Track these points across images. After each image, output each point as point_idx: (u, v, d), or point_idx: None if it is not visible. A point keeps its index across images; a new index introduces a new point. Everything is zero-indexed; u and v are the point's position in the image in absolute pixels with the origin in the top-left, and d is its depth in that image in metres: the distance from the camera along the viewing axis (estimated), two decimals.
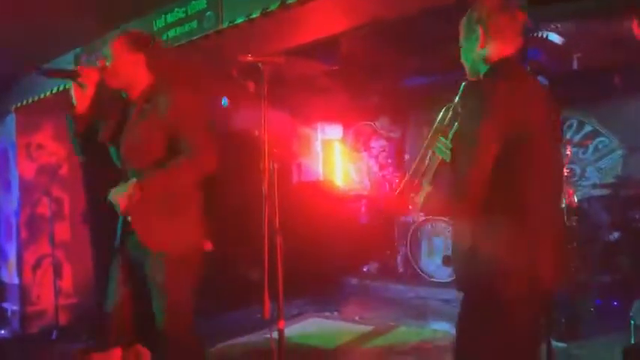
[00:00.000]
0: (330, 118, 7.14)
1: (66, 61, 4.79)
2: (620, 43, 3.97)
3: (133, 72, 2.24)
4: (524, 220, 1.62)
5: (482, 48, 1.71)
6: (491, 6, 1.71)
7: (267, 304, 2.46)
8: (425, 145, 1.94)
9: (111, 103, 2.33)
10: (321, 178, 7.19)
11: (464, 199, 1.62)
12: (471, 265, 1.67)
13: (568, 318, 3.63)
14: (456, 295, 4.82)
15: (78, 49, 4.69)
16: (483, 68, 1.74)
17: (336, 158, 7.23)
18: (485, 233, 1.64)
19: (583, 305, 4.00)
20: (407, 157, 6.61)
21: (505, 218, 1.62)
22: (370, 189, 7.03)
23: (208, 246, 4.72)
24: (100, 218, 4.92)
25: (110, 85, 2.25)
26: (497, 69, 1.70)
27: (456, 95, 1.89)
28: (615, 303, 4.13)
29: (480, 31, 1.70)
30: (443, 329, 4.16)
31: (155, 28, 3.81)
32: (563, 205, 3.73)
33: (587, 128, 5.33)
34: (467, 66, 1.83)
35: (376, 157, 7.05)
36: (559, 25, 3.60)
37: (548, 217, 1.69)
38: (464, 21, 1.79)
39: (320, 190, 6.69)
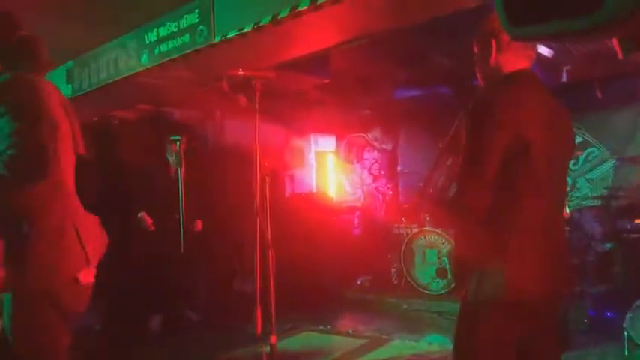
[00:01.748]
0: (323, 130, 7.16)
1: (58, 74, 4.79)
2: (607, 57, 4.02)
3: None
4: (527, 230, 1.63)
5: (494, 61, 1.74)
6: None
7: (260, 319, 2.45)
8: (437, 157, 1.97)
9: None
10: (315, 190, 7.19)
11: (464, 209, 1.65)
12: (473, 276, 1.67)
13: (561, 329, 3.62)
14: (450, 307, 4.81)
15: (70, 63, 4.70)
16: (494, 81, 1.76)
17: (330, 170, 7.24)
18: (487, 243, 1.65)
19: (576, 316, 4.00)
20: (399, 168, 6.63)
21: (508, 228, 1.63)
22: (363, 201, 7.03)
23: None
24: None
25: None
26: (508, 81, 1.72)
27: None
28: (609, 314, 4.13)
29: (492, 44, 1.73)
30: (437, 342, 4.14)
31: (147, 42, 3.83)
32: None
33: (577, 139, 5.38)
34: (480, 79, 1.86)
35: (369, 168, 7.06)
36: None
37: (551, 227, 1.70)
38: (478, 34, 1.83)
39: (313, 202, 6.68)
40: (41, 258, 1.77)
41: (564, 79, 4.60)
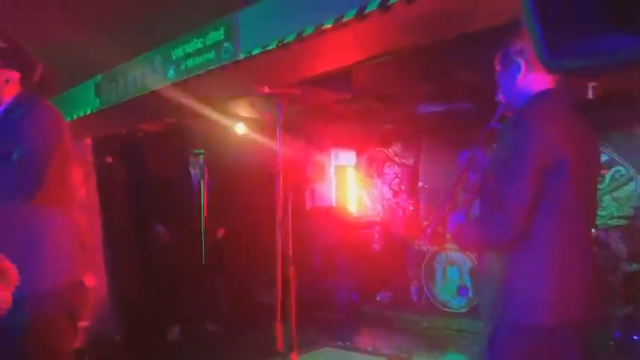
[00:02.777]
0: (343, 145, 7.17)
1: (86, 88, 4.91)
2: (633, 74, 3.96)
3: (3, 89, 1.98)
4: (561, 252, 1.62)
5: (523, 80, 1.74)
6: None
7: (280, 336, 2.44)
8: (456, 180, 1.97)
9: None
10: (334, 204, 7.18)
11: (509, 233, 1.63)
12: (504, 296, 1.65)
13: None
14: (470, 325, 4.73)
15: (98, 77, 4.81)
16: (522, 100, 1.75)
17: (350, 184, 7.23)
18: (522, 264, 1.63)
19: (602, 338, 3.90)
20: (420, 183, 6.59)
21: (542, 249, 1.62)
22: (383, 215, 7.00)
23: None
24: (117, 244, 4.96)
25: None
26: (537, 102, 1.71)
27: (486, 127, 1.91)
28: (635, 337, 4.02)
29: (521, 62, 1.72)
30: None
31: (174, 58, 3.91)
32: None
33: (604, 157, 5.29)
34: (505, 98, 1.84)
35: (389, 183, 7.03)
36: None
37: (584, 247, 1.69)
38: (501, 53, 1.82)
39: (333, 216, 6.68)
40: (50, 260, 1.88)
41: (590, 95, 4.53)
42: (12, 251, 1.79)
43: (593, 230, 3.94)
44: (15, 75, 1.99)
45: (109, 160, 5.35)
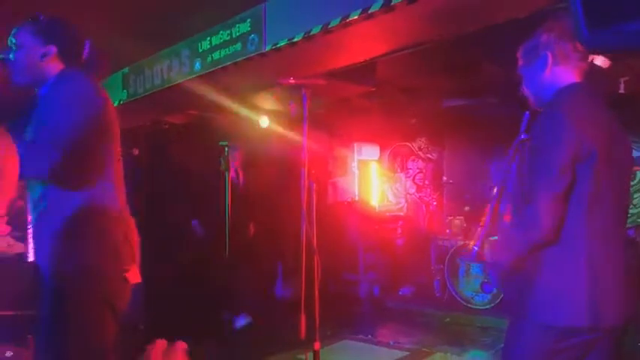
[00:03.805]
0: (367, 139, 7.15)
1: (115, 80, 5.00)
2: None
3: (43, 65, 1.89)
4: (591, 248, 1.58)
5: (549, 73, 1.71)
6: (559, 32, 1.70)
7: (304, 324, 2.46)
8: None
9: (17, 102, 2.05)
10: (357, 199, 7.17)
11: (542, 226, 1.56)
12: (531, 293, 1.62)
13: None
14: (494, 322, 4.67)
15: (125, 69, 4.89)
16: (549, 94, 1.72)
17: (372, 179, 7.21)
18: (549, 260, 1.60)
19: (630, 338, 3.81)
20: (444, 178, 6.53)
21: (572, 246, 1.58)
22: (407, 210, 6.96)
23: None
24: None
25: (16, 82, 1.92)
26: (565, 95, 1.68)
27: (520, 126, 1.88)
28: None
29: (548, 56, 1.70)
30: (480, 357, 4.04)
31: (200, 50, 3.95)
32: None
33: (635, 154, 5.15)
34: (529, 92, 1.81)
35: (413, 178, 6.99)
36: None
37: (615, 245, 1.64)
38: (525, 46, 1.78)
39: (355, 210, 6.67)
40: (93, 255, 1.81)
41: (622, 89, 4.42)
42: (50, 235, 1.80)
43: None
44: (52, 49, 1.88)
45: (136, 152, 5.43)
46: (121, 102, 4.91)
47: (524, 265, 1.65)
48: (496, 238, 1.81)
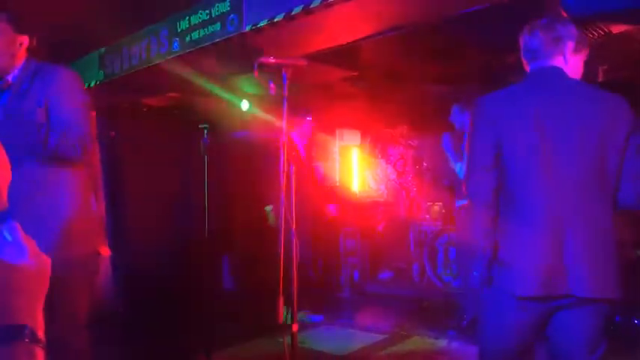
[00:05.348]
0: (348, 124, 7.12)
1: (91, 60, 4.87)
2: None
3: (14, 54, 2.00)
4: (541, 221, 1.64)
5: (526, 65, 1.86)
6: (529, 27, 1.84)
7: (281, 308, 2.44)
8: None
9: None
10: (338, 184, 7.17)
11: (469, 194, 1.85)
12: (491, 264, 1.73)
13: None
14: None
15: (102, 49, 4.77)
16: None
17: (354, 164, 7.20)
18: (501, 234, 1.70)
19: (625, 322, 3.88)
20: (425, 164, 6.56)
21: (504, 218, 1.70)
22: (387, 196, 6.98)
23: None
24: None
25: None
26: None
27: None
28: (637, 321, 4.01)
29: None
30: (457, 339, 4.09)
31: (179, 30, 3.86)
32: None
33: None
34: None
35: (394, 164, 7.00)
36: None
37: (583, 217, 1.66)
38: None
39: (336, 195, 6.66)
40: (73, 229, 1.94)
41: (600, 78, 4.47)
42: (38, 214, 1.88)
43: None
44: (25, 39, 2.03)
45: (112, 134, 5.33)
46: (98, 82, 4.79)
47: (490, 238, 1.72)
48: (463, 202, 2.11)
